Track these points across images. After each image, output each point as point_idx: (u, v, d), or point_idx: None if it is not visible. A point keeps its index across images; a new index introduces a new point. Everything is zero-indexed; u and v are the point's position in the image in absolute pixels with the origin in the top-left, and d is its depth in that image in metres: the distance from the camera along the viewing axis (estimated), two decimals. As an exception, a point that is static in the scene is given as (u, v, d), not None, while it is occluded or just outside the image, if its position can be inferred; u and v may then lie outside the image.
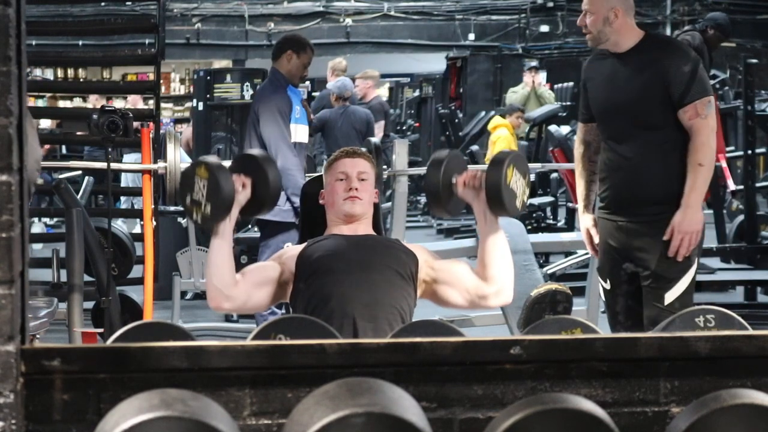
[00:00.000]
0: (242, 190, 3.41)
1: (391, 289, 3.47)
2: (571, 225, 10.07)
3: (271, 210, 3.65)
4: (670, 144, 4.26)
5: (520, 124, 12.12)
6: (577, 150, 4.62)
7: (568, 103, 12.57)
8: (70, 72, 16.19)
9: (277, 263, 3.58)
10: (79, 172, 9.15)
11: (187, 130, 10.85)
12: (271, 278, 3.53)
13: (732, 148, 10.50)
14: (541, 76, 13.25)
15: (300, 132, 6.22)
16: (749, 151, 8.46)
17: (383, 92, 15.00)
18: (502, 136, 11.55)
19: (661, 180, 4.27)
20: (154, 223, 6.24)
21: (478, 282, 3.56)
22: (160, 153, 6.10)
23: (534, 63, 13.74)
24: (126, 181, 10.71)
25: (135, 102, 12.30)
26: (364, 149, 3.98)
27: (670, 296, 4.23)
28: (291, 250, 3.67)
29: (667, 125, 4.26)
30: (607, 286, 4.44)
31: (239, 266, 7.86)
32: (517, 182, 3.38)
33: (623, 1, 4.32)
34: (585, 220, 4.56)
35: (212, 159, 3.43)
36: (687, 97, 4.21)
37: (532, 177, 10.37)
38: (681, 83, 4.21)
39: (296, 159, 5.97)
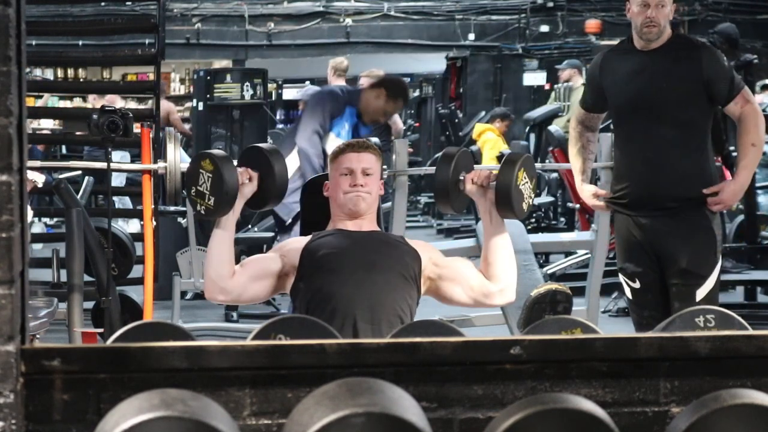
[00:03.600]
0: (248, 183, 3.42)
1: (392, 292, 3.46)
2: (571, 225, 10.06)
3: (277, 204, 3.65)
4: (696, 142, 4.29)
5: (506, 130, 12.13)
6: (575, 130, 4.60)
7: (568, 103, 12.55)
8: (70, 72, 16.16)
9: (278, 255, 3.57)
10: (79, 172, 9.13)
11: (165, 105, 10.49)
12: (271, 271, 3.53)
13: (732, 147, 10.46)
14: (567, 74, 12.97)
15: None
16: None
17: (384, 92, 14.94)
18: (489, 140, 11.57)
19: (689, 177, 4.28)
20: (154, 223, 6.23)
21: (482, 280, 3.57)
22: (160, 153, 6.09)
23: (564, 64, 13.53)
24: (115, 181, 10.55)
25: (113, 101, 11.91)
26: (370, 141, 3.97)
27: (701, 293, 4.22)
28: (294, 242, 3.66)
29: (696, 123, 4.29)
30: (637, 285, 4.38)
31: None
32: (525, 185, 3.41)
33: None
34: (588, 188, 4.58)
35: (217, 152, 3.44)
36: (734, 90, 4.27)
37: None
38: (725, 78, 4.26)
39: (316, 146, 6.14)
